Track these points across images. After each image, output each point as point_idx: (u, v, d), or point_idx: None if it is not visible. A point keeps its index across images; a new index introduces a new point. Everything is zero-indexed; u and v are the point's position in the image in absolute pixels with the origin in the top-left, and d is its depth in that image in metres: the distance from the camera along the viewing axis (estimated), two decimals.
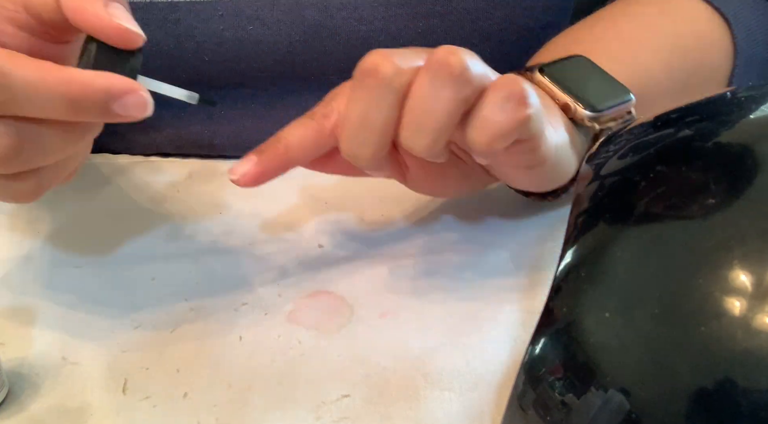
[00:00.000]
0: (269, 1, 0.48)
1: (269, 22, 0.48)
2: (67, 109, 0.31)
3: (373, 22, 0.48)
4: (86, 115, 0.31)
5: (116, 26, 0.31)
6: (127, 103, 0.31)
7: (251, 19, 0.48)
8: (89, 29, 0.32)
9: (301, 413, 0.33)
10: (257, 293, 0.40)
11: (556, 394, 0.24)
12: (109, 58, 0.32)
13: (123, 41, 0.32)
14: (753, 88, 0.31)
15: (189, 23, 0.48)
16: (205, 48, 0.49)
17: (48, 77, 0.30)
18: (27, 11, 0.32)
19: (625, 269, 0.25)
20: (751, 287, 0.23)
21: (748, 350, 0.22)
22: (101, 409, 0.33)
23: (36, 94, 0.30)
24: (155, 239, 0.44)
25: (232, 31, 0.48)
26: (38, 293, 0.39)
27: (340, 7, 0.48)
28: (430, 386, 0.34)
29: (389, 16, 0.48)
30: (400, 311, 0.38)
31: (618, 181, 0.29)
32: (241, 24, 0.48)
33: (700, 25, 0.46)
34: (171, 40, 0.49)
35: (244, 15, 0.48)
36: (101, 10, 0.31)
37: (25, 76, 0.30)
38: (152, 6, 0.48)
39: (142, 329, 0.37)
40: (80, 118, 0.31)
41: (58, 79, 0.30)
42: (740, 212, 0.25)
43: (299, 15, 0.48)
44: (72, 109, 0.31)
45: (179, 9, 0.48)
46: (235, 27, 0.48)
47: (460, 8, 0.49)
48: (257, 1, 0.48)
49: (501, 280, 0.40)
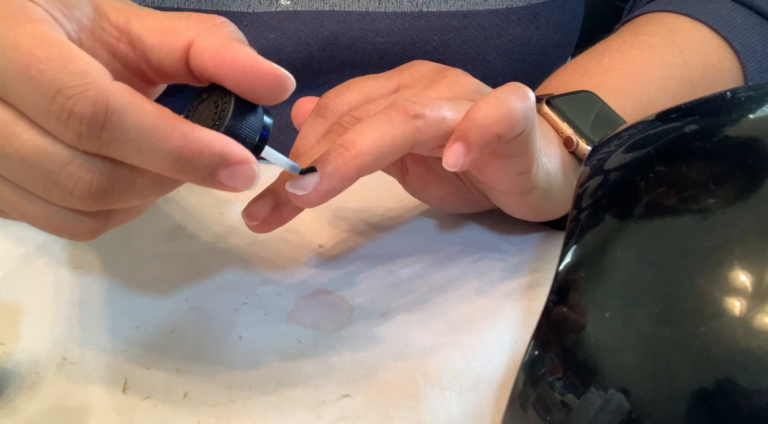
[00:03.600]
0: (291, 13, 0.49)
1: (289, 32, 0.49)
2: (172, 166, 0.27)
3: (390, 35, 0.49)
4: (187, 176, 0.28)
5: (276, 71, 0.28)
6: (236, 174, 0.28)
7: (273, 29, 0.49)
8: (239, 78, 0.28)
9: (301, 413, 0.33)
10: (257, 293, 0.40)
11: (556, 394, 0.24)
12: (245, 116, 0.28)
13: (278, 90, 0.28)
14: (753, 88, 0.31)
15: None
16: None
17: (165, 127, 0.27)
18: (132, 44, 0.30)
19: (625, 269, 0.25)
20: (751, 287, 0.23)
21: (748, 350, 0.22)
22: (101, 409, 0.33)
23: (147, 141, 0.26)
24: (155, 238, 0.44)
25: (253, 40, 0.49)
26: (38, 293, 0.39)
27: (359, 19, 0.49)
28: (430, 386, 0.34)
29: (406, 29, 0.49)
30: (400, 311, 0.38)
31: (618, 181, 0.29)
32: (263, 34, 0.49)
33: (708, 56, 0.46)
34: None
35: (266, 26, 0.49)
36: (256, 55, 0.28)
37: (142, 119, 0.26)
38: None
39: (142, 329, 0.37)
40: (179, 177, 0.28)
41: (177, 133, 0.27)
42: (740, 211, 0.25)
43: (319, 26, 0.49)
44: (177, 167, 0.27)
45: None
46: (257, 37, 0.49)
47: (475, 24, 0.49)
48: (279, 13, 0.49)
49: (501, 280, 0.41)
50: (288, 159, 0.32)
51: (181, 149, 0.27)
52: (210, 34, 0.29)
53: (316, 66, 0.50)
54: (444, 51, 0.50)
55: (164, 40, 0.29)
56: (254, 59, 0.28)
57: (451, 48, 0.50)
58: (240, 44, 0.29)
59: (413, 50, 0.49)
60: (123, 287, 0.40)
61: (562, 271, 0.27)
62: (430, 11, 0.49)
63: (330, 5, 0.49)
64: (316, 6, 0.49)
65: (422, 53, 0.50)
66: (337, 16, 0.49)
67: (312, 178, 0.32)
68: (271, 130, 0.30)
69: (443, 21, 0.49)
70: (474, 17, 0.49)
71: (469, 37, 0.50)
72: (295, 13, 0.49)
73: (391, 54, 0.49)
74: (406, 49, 0.49)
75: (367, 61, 0.50)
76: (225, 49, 0.28)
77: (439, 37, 0.49)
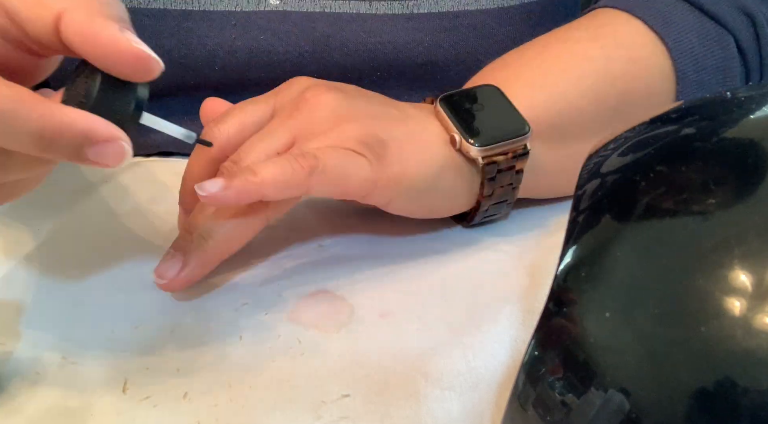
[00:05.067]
0: (281, 13, 0.49)
1: (280, 32, 0.49)
2: (35, 146, 0.28)
3: (381, 35, 0.49)
4: (54, 154, 0.28)
5: (136, 52, 0.28)
6: (104, 152, 0.28)
7: (263, 29, 0.49)
8: (100, 56, 0.28)
9: (301, 412, 0.33)
10: (257, 293, 0.40)
11: (556, 394, 0.24)
12: (114, 92, 0.29)
13: (141, 70, 0.28)
14: (753, 88, 0.31)
15: (201, 32, 0.49)
16: (216, 56, 0.49)
17: (22, 110, 0.27)
18: (8, 17, 0.29)
19: (625, 269, 0.25)
20: (751, 287, 0.23)
21: (748, 350, 0.22)
22: (101, 409, 0.33)
23: (5, 125, 0.27)
24: (155, 238, 0.44)
25: (243, 41, 0.49)
26: (38, 293, 0.39)
27: (350, 20, 0.49)
28: (430, 386, 0.34)
29: (397, 30, 0.49)
30: (400, 311, 0.38)
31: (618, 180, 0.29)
32: (253, 34, 0.49)
33: (634, 51, 0.45)
34: (183, 48, 0.49)
35: (256, 26, 0.49)
36: (118, 34, 0.28)
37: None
38: (165, 14, 0.48)
39: (142, 329, 0.37)
40: (47, 156, 0.28)
41: (34, 114, 0.27)
42: (740, 212, 0.25)
43: (310, 26, 0.49)
44: (40, 147, 0.28)
45: (192, 17, 0.49)
46: (247, 37, 0.49)
47: (466, 24, 0.49)
48: (269, 13, 0.49)
49: (501, 280, 0.41)
50: (179, 127, 0.32)
51: (42, 130, 0.27)
52: (80, 7, 0.28)
53: (307, 67, 0.50)
54: (436, 52, 0.50)
55: (36, 12, 0.29)
56: (116, 39, 0.28)
57: (443, 48, 0.50)
58: (106, 21, 0.28)
59: (405, 51, 0.49)
60: (123, 287, 0.40)
61: (561, 271, 0.27)
62: (420, 13, 0.49)
63: (321, 7, 0.49)
64: (306, 7, 0.49)
65: (414, 54, 0.50)
66: (328, 17, 0.49)
67: None
68: (145, 103, 0.30)
69: (434, 22, 0.49)
70: (465, 17, 0.49)
71: (461, 37, 0.50)
72: (285, 13, 0.49)
73: (383, 55, 0.49)
74: (398, 50, 0.49)
75: (358, 63, 0.50)
76: (90, 25, 0.28)
77: (430, 38, 0.49)
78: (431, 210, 0.42)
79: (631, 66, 0.44)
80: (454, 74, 0.51)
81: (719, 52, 0.45)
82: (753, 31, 0.46)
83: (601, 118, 0.43)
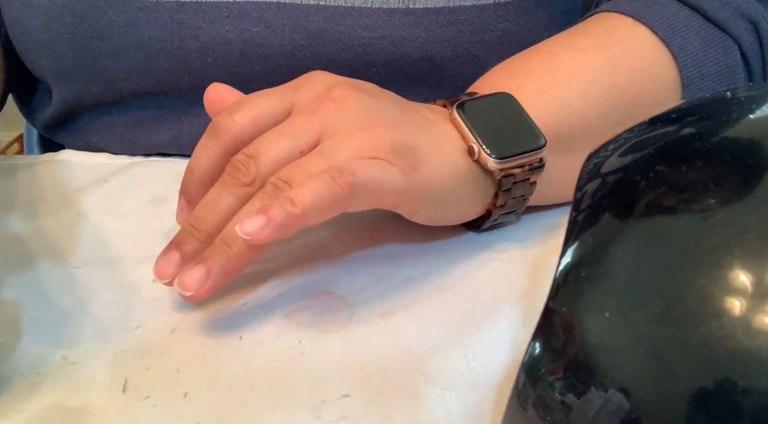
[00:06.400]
0: (275, 5, 0.48)
1: (274, 25, 0.48)
2: None
3: (377, 30, 0.49)
4: None
5: None
6: None
7: (256, 21, 0.49)
8: None
9: (301, 413, 0.33)
10: (257, 293, 0.40)
11: (556, 394, 0.24)
12: None
13: None
14: (753, 88, 0.31)
15: (194, 24, 0.48)
16: (209, 49, 0.49)
17: None
18: None
19: (625, 269, 0.25)
20: (751, 287, 0.23)
21: (748, 350, 0.22)
22: (101, 409, 0.33)
23: None
24: (155, 238, 0.44)
25: (236, 33, 0.48)
26: (38, 293, 0.39)
27: (345, 14, 0.48)
28: (430, 386, 0.34)
29: (393, 25, 0.49)
30: (400, 311, 0.38)
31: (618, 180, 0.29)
32: (246, 26, 0.49)
33: (639, 60, 0.44)
34: (176, 40, 0.49)
35: (249, 17, 0.48)
36: None
37: None
38: (158, 5, 0.48)
39: (142, 329, 0.37)
40: None
41: None
42: (740, 211, 0.25)
43: (304, 19, 0.48)
44: None
45: (185, 9, 0.48)
46: (240, 29, 0.48)
47: (463, 19, 0.49)
48: (263, 4, 0.48)
49: (501, 280, 0.41)
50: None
51: None
52: None
53: (301, 62, 0.49)
54: (432, 47, 0.49)
55: None
56: None
57: (439, 44, 0.49)
58: None
59: (401, 46, 0.49)
60: (123, 287, 0.40)
61: (561, 271, 0.27)
62: (417, 8, 0.48)
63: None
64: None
65: (410, 49, 0.49)
66: (323, 10, 0.48)
67: None
68: None
69: (430, 17, 0.49)
70: (461, 13, 0.49)
71: (457, 32, 0.49)
72: (279, 5, 0.48)
73: (379, 50, 0.49)
74: (394, 45, 0.49)
75: (353, 58, 0.49)
76: None
77: (426, 33, 0.49)
78: (444, 219, 0.42)
79: (638, 76, 0.44)
80: (451, 70, 0.50)
81: (723, 59, 0.45)
82: (756, 38, 0.45)
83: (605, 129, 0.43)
